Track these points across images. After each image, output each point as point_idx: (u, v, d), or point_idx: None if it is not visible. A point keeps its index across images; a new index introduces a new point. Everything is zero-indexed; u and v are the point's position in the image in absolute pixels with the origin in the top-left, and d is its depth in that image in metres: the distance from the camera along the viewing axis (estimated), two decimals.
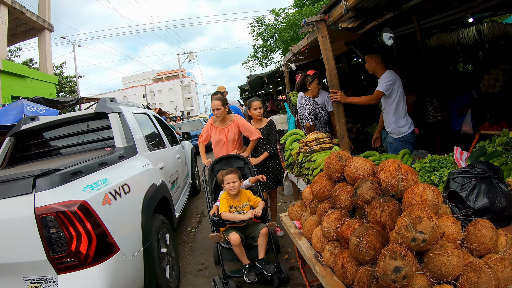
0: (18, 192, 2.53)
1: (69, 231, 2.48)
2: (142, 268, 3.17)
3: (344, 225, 2.35)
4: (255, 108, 5.05)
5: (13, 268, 2.63)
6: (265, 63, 22.89)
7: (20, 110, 8.19)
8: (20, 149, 4.91)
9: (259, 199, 4.15)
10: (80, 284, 2.55)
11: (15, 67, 17.68)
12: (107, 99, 4.58)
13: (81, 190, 2.69)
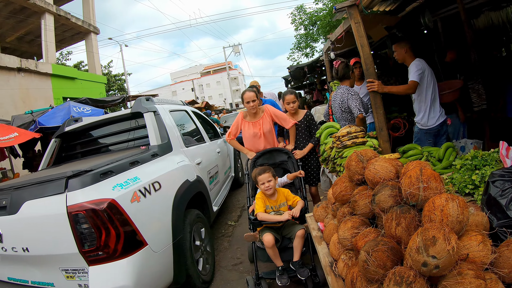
0: (52, 192, 2.76)
1: (98, 227, 2.65)
2: (172, 261, 3.30)
3: (359, 234, 2.18)
4: (287, 102, 4.85)
5: (50, 259, 2.88)
6: (310, 53, 22.28)
7: (67, 111, 8.59)
8: (65, 149, 5.25)
9: (298, 198, 3.87)
10: (109, 275, 2.72)
11: (65, 70, 18.88)
12: (143, 99, 4.72)
13: (110, 189, 2.85)
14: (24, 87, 14.92)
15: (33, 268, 3.14)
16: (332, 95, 4.94)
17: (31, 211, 2.85)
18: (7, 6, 15.89)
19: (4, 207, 3.02)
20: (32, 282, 3.20)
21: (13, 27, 18.27)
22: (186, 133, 5.32)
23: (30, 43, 20.65)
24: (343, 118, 4.64)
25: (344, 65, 4.74)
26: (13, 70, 14.49)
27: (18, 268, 3.27)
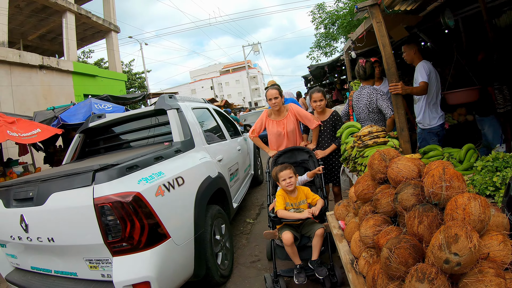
0: (80, 184, 2.85)
1: (123, 219, 2.73)
2: (193, 254, 3.38)
3: (381, 232, 2.18)
4: (314, 100, 4.78)
5: (75, 249, 2.98)
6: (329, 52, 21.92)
7: (89, 108, 8.69)
8: (88, 144, 5.39)
9: (317, 197, 3.85)
10: (132, 266, 2.79)
11: (86, 67, 19.30)
12: (166, 96, 4.80)
13: (136, 183, 2.93)
14: (46, 84, 15.23)
15: (56, 258, 3.25)
16: (352, 94, 4.90)
17: (58, 202, 2.95)
18: (29, 5, 16.25)
19: (31, 198, 3.14)
20: (55, 272, 3.33)
21: (35, 26, 18.68)
22: (208, 130, 5.39)
23: (51, 41, 21.08)
24: (370, 118, 4.57)
25: (370, 64, 4.68)
26: (35, 68, 14.77)
27: (41, 258, 3.40)
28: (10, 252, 3.75)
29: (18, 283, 3.58)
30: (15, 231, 3.28)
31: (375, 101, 4.43)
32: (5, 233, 3.49)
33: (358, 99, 4.66)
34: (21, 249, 3.56)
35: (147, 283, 2.79)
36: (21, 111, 12.41)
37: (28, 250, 3.49)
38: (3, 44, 13.54)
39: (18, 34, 18.66)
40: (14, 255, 3.71)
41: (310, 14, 20.96)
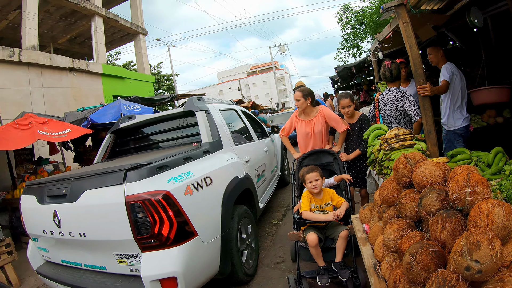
0: (112, 183, 2.97)
1: (153, 216, 2.83)
2: (219, 252, 3.45)
3: (405, 237, 2.15)
4: (342, 107, 4.78)
5: (106, 244, 3.09)
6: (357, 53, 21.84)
7: (118, 109, 8.83)
8: (118, 144, 5.55)
9: (342, 199, 3.86)
10: (160, 262, 2.88)
11: (115, 69, 19.63)
12: (195, 98, 4.90)
13: (166, 182, 3.03)
14: (75, 86, 15.57)
15: (87, 252, 3.38)
16: (379, 96, 4.86)
17: (90, 199, 3.08)
18: (58, 10, 16.69)
19: (64, 195, 3.28)
20: (85, 265, 3.46)
21: (64, 30, 19.17)
22: (235, 132, 5.45)
23: (81, 44, 21.56)
24: (397, 121, 4.54)
25: (396, 66, 4.60)
26: (65, 70, 15.14)
27: (72, 252, 3.55)
28: (42, 246, 3.91)
29: (48, 276, 3.72)
30: (48, 226, 3.44)
31: (401, 104, 4.38)
32: (38, 228, 3.65)
33: (385, 102, 4.62)
34: (53, 243, 3.71)
35: (174, 279, 2.87)
36: (51, 112, 12.69)
37: (60, 244, 3.63)
38: (34, 47, 13.93)
39: (48, 38, 19.18)
40: (46, 249, 3.87)
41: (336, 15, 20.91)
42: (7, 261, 5.74)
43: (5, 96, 12.24)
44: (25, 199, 3.85)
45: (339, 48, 22.32)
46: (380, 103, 4.78)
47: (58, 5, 16.03)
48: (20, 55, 12.97)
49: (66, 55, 16.28)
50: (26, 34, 13.90)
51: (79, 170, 4.23)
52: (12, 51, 12.69)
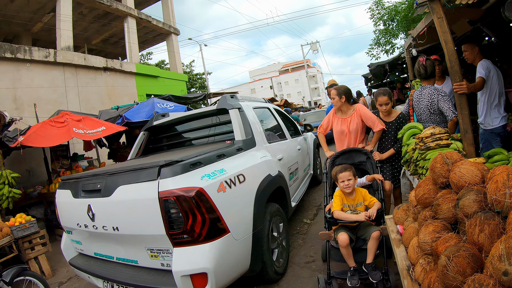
0: (146, 178, 3.02)
1: (186, 212, 2.85)
2: (250, 250, 3.45)
3: (440, 239, 2.07)
4: (380, 104, 4.67)
5: (139, 239, 3.14)
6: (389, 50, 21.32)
7: (151, 107, 8.95)
8: (152, 142, 5.64)
9: (375, 199, 3.77)
10: (191, 257, 2.91)
11: (148, 69, 19.98)
12: (228, 96, 4.92)
13: (199, 179, 3.06)
14: (110, 85, 15.94)
15: (119, 246, 3.46)
16: (413, 94, 4.73)
17: (124, 194, 3.14)
18: (91, 12, 17.13)
19: (99, 190, 3.36)
20: (117, 258, 3.55)
21: (98, 31, 19.68)
22: (269, 130, 5.44)
23: (114, 44, 22.11)
24: (432, 120, 4.39)
25: (431, 63, 4.44)
26: (99, 70, 15.49)
27: (105, 245, 3.64)
28: (75, 238, 4.03)
29: (80, 267, 3.84)
30: (82, 220, 3.55)
31: (436, 102, 4.24)
32: (72, 221, 3.77)
33: (419, 100, 4.49)
34: (86, 236, 3.81)
35: (204, 275, 2.89)
36: (86, 110, 13.10)
37: (93, 237, 3.73)
38: (69, 48, 14.34)
39: (82, 39, 19.69)
40: (79, 241, 3.99)
41: (368, 10, 20.66)
42: (41, 252, 5.97)
43: (41, 95, 12.63)
44: (61, 193, 3.97)
45: (372, 44, 21.93)
46: (414, 101, 4.65)
47: (91, 7, 16.44)
48: (55, 56, 13.36)
49: (100, 55, 16.69)
50: (61, 36, 14.32)
51: (114, 166, 4.33)
52: (47, 52, 13.08)
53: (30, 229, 5.91)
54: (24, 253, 5.78)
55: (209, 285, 2.90)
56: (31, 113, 10.02)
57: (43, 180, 10.22)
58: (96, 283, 3.69)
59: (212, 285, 2.91)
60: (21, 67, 12.25)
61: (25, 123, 8.32)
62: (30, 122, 9.28)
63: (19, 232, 5.75)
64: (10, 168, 7.70)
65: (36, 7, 15.65)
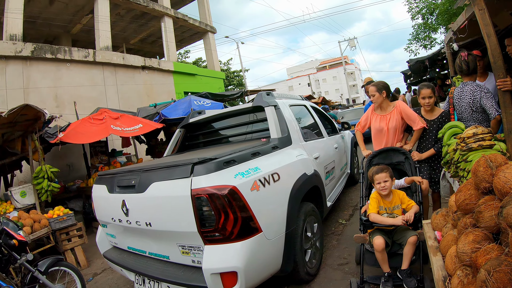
0: (179, 176, 3.03)
1: (218, 210, 2.83)
2: (282, 250, 3.39)
3: (481, 250, 1.92)
4: (423, 97, 4.43)
5: (170, 235, 3.17)
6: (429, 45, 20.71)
7: (188, 104, 9.07)
8: (188, 138, 5.69)
9: (413, 202, 3.60)
10: (222, 255, 2.89)
11: (185, 67, 20.40)
12: (264, 93, 4.88)
13: (233, 177, 3.02)
14: (148, 83, 16.30)
15: (152, 241, 3.49)
16: (453, 91, 4.39)
17: (157, 191, 3.16)
18: (129, 13, 17.63)
19: (133, 186, 3.40)
20: (149, 253, 3.59)
21: (135, 31, 20.20)
22: (305, 128, 5.35)
23: (152, 44, 22.62)
24: (474, 118, 4.07)
25: (473, 58, 4.13)
26: (137, 68, 15.88)
27: (138, 240, 3.69)
28: (110, 232, 4.12)
29: (114, 260, 3.92)
30: (116, 214, 3.60)
31: (479, 99, 3.91)
32: (107, 215, 3.84)
33: (460, 97, 4.17)
34: (120, 230, 3.89)
35: (234, 274, 2.86)
36: (125, 108, 13.40)
37: (126, 232, 3.80)
38: (107, 48, 14.77)
39: (121, 39, 20.28)
40: (114, 235, 4.07)
41: (406, 3, 20.17)
42: (77, 244, 6.20)
43: (82, 93, 13.06)
44: (97, 188, 4.06)
45: (410, 39, 21.43)
46: (455, 99, 4.32)
47: (128, 8, 16.88)
48: (94, 56, 13.80)
49: (139, 54, 17.12)
50: (100, 36, 14.76)
51: (148, 163, 4.40)
52: (87, 52, 13.52)
53: (67, 221, 6.14)
54: (61, 244, 6.01)
55: (238, 284, 2.87)
56: (72, 110, 10.34)
57: (83, 175, 10.59)
58: (128, 276, 3.76)
59: (242, 285, 2.88)
60: (61, 67, 12.72)
61: (65, 120, 8.57)
62: (71, 119, 9.56)
63: (56, 224, 5.98)
64: (52, 162, 7.98)
65: (74, 10, 16.25)
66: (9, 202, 6.96)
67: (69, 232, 6.17)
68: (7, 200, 7.23)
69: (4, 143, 7.52)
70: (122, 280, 5.11)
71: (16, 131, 7.15)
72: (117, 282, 5.13)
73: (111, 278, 5.31)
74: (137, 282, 3.57)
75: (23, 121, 6.67)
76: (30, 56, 11.60)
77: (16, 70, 11.30)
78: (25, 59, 11.59)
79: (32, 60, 11.78)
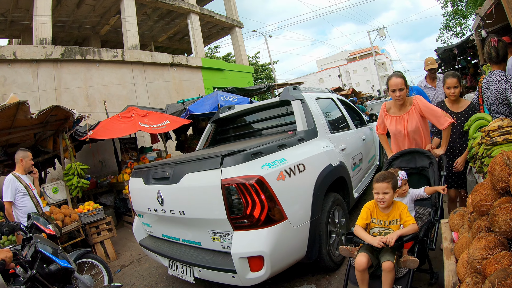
0: (210, 167, 3.25)
1: (246, 199, 3.03)
2: (307, 237, 3.53)
3: (491, 258, 1.75)
4: (448, 86, 4.01)
5: (202, 222, 3.41)
6: (461, 33, 19.73)
7: (215, 100, 9.23)
8: (219, 133, 5.92)
9: (411, 220, 2.95)
10: (250, 241, 3.08)
11: (214, 62, 20.61)
12: (291, 88, 5.00)
13: (260, 167, 3.21)
14: (177, 80, 16.61)
15: (185, 228, 3.76)
16: (482, 80, 4.01)
17: (190, 182, 3.40)
18: (155, 12, 18.04)
19: (167, 177, 3.65)
20: (183, 240, 3.85)
21: (162, 29, 20.65)
22: (332, 120, 5.41)
23: (179, 41, 22.99)
24: (500, 110, 3.74)
25: (504, 44, 3.77)
26: (166, 66, 16.20)
27: (172, 228, 3.97)
28: (145, 221, 4.42)
29: (150, 248, 4.20)
30: (152, 204, 3.86)
31: (504, 90, 3.59)
32: (143, 206, 4.11)
33: (487, 87, 3.83)
34: (155, 219, 4.17)
35: (261, 258, 3.04)
36: (155, 104, 13.92)
37: (161, 221, 4.08)
38: (136, 47, 15.18)
39: (149, 38, 20.74)
40: (149, 224, 4.35)
41: None
42: (106, 237, 6.51)
43: (112, 92, 13.50)
44: (133, 180, 4.34)
45: (441, 28, 20.72)
46: (483, 89, 3.96)
47: (154, 7, 17.29)
48: (123, 55, 14.19)
49: (167, 52, 17.56)
50: (127, 36, 15.19)
51: (181, 156, 4.63)
52: (115, 52, 13.95)
53: (97, 215, 6.47)
54: (91, 237, 6.33)
55: (264, 268, 3.05)
56: (102, 109, 10.75)
57: (114, 170, 10.98)
58: (162, 262, 4.01)
59: (268, 268, 3.05)
60: (91, 67, 13.13)
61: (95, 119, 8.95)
62: (102, 117, 9.95)
63: (86, 218, 6.30)
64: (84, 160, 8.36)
65: (102, 11, 16.75)
66: (42, 198, 7.30)
67: (98, 226, 6.48)
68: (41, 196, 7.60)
69: (37, 142, 7.93)
70: (148, 272, 5.36)
71: (47, 130, 7.52)
72: (143, 274, 5.37)
73: (138, 270, 5.56)
74: (171, 267, 3.81)
75: (53, 121, 7.05)
76: (60, 58, 12.05)
77: (47, 72, 11.76)
78: (55, 62, 12.03)
79: (62, 62, 12.23)
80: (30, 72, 11.31)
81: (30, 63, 11.33)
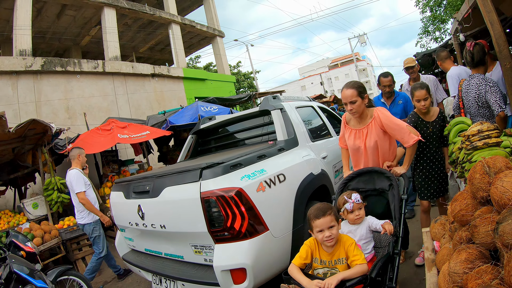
0: (190, 180, 3.23)
1: (226, 211, 3.01)
2: (290, 247, 3.51)
3: (472, 273, 1.65)
4: (417, 99, 3.83)
5: (183, 236, 3.39)
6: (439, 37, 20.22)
7: (195, 110, 9.19)
8: (200, 144, 5.88)
9: (359, 259, 2.47)
10: (232, 253, 3.06)
11: (195, 72, 20.83)
12: (270, 97, 4.97)
13: (239, 179, 3.20)
14: (158, 90, 16.61)
15: (167, 242, 3.72)
16: (462, 84, 3.99)
17: (170, 195, 3.38)
18: (136, 22, 18.08)
19: (147, 191, 3.62)
20: (165, 254, 3.81)
21: (144, 39, 20.66)
22: (313, 128, 5.41)
23: (161, 51, 23.12)
24: (480, 114, 3.75)
25: (480, 48, 3.75)
26: (147, 76, 16.20)
27: (154, 242, 3.92)
28: (128, 235, 4.36)
29: (132, 262, 4.15)
30: (133, 218, 3.83)
31: (483, 93, 3.58)
32: (124, 220, 4.07)
33: (467, 91, 3.81)
34: (137, 234, 4.12)
35: (243, 270, 3.02)
36: (136, 116, 13.83)
37: (143, 235, 4.03)
38: (116, 58, 15.15)
39: (130, 48, 20.76)
40: (131, 238, 4.30)
41: None
42: (88, 253, 6.48)
43: (93, 104, 13.43)
44: (114, 194, 4.30)
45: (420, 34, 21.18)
46: (463, 93, 3.95)
47: (135, 17, 17.31)
48: (104, 66, 14.15)
49: (148, 62, 17.49)
50: (108, 47, 15.13)
51: (162, 169, 4.58)
52: (96, 63, 13.89)
53: (77, 231, 6.37)
54: (72, 254, 6.26)
55: (247, 280, 3.03)
56: (83, 121, 10.64)
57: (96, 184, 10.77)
58: (146, 276, 3.98)
59: (251, 280, 3.03)
60: (72, 79, 13.07)
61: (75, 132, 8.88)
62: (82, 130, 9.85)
63: (67, 234, 6.24)
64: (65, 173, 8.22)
65: (82, 22, 16.72)
66: (22, 214, 7.20)
67: (79, 242, 6.41)
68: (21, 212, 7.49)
69: (16, 157, 7.83)
70: (132, 287, 5.33)
71: (26, 145, 7.44)
72: None
73: (121, 286, 5.52)
74: (155, 281, 3.78)
75: (32, 135, 6.97)
76: (40, 70, 11.98)
77: (27, 85, 11.68)
78: (35, 73, 11.96)
79: (42, 74, 12.16)
80: (9, 85, 11.24)
81: (9, 75, 11.26)
